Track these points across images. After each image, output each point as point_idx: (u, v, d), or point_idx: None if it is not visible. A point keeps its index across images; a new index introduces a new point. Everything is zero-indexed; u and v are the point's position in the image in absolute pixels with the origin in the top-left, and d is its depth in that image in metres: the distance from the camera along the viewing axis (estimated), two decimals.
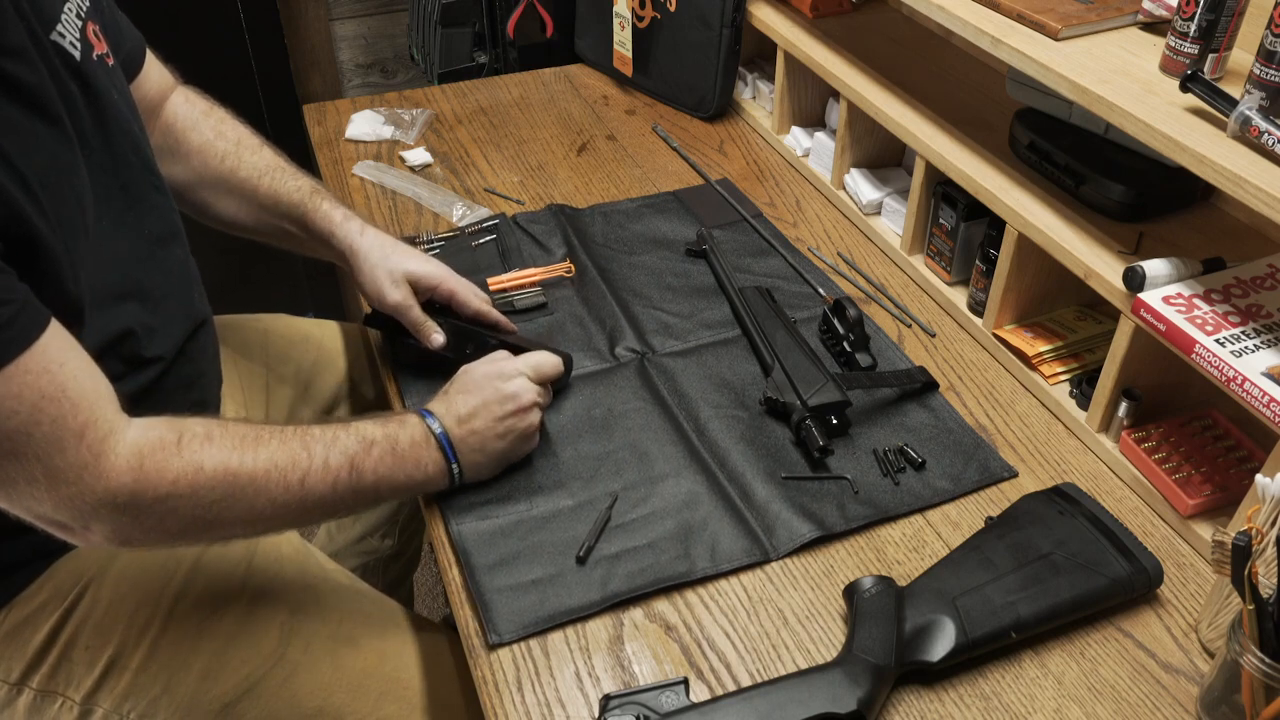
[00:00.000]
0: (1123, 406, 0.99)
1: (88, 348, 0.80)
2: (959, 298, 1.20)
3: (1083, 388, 1.04)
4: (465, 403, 0.91)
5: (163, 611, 0.91)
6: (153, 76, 1.03)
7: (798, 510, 0.92)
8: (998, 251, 1.10)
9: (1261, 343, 0.86)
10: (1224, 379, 0.84)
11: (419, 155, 1.47)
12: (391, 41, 2.21)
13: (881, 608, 0.80)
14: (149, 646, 0.90)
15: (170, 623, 0.91)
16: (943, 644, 0.78)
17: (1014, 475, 0.98)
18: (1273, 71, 0.84)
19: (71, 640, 0.89)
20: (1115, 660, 0.82)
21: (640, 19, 1.60)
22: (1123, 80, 0.95)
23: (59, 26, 0.78)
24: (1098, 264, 0.99)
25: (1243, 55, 0.93)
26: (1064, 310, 1.15)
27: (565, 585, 0.86)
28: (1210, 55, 0.92)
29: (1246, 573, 0.69)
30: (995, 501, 0.96)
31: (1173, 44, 0.94)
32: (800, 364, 1.04)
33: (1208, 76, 0.90)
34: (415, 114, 1.57)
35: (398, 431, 0.87)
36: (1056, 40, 1.02)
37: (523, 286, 1.21)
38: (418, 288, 1.04)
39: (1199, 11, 0.90)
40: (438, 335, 1.03)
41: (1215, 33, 0.91)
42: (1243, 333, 0.87)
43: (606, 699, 0.76)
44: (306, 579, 0.99)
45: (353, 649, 0.96)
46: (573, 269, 1.25)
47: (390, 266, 1.03)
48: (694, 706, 0.74)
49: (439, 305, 1.06)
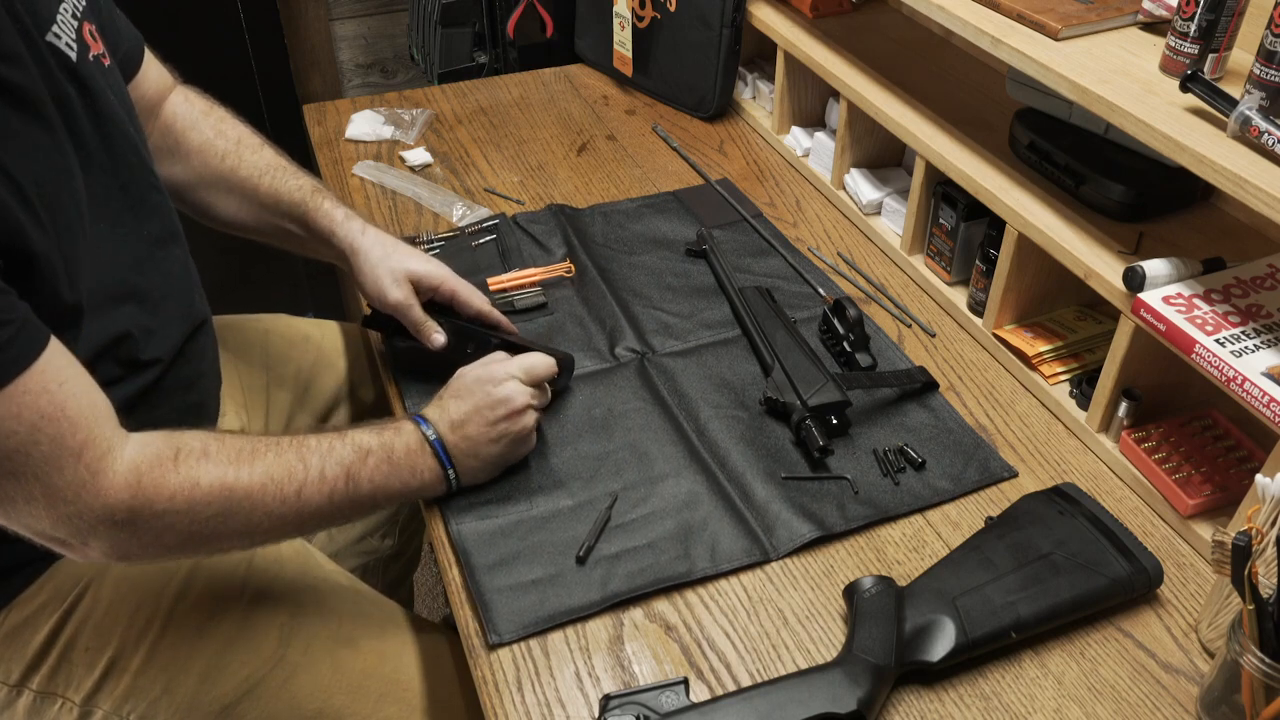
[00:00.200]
0: (1123, 406, 0.99)
1: (85, 351, 0.80)
2: (959, 298, 1.20)
3: (1083, 388, 1.04)
4: (458, 408, 0.91)
5: (162, 613, 0.91)
6: (151, 76, 1.03)
7: (798, 510, 0.92)
8: (998, 251, 1.10)
9: (1261, 343, 0.86)
10: (1224, 379, 0.84)
11: (419, 155, 1.47)
12: (391, 41, 2.21)
13: (881, 608, 0.80)
14: (149, 648, 0.90)
15: (170, 624, 0.91)
16: (943, 644, 0.78)
17: (1014, 475, 0.98)
18: (1273, 71, 0.83)
19: (71, 642, 0.89)
20: (1115, 660, 0.82)
21: (640, 19, 1.60)
22: (1123, 80, 0.95)
23: (54, 27, 0.78)
24: (1098, 264, 0.99)
25: (1243, 55, 0.93)
26: (1064, 310, 1.15)
27: (565, 585, 0.86)
28: (1210, 55, 0.92)
29: (1246, 573, 0.69)
30: (995, 501, 0.96)
31: (1173, 44, 0.94)
32: (800, 364, 1.04)
33: (1208, 76, 0.90)
34: (415, 114, 1.57)
35: (393, 440, 0.87)
36: (1056, 40, 1.02)
37: (523, 286, 1.21)
38: (419, 287, 1.04)
39: (1199, 11, 0.90)
40: (438, 335, 1.03)
41: (1215, 33, 0.91)
42: (1243, 333, 0.87)
43: (606, 699, 0.76)
44: (306, 580, 0.99)
45: (352, 650, 0.96)
46: (573, 269, 1.25)
47: (392, 265, 1.03)
48: (694, 706, 0.74)
49: (440, 305, 1.06)
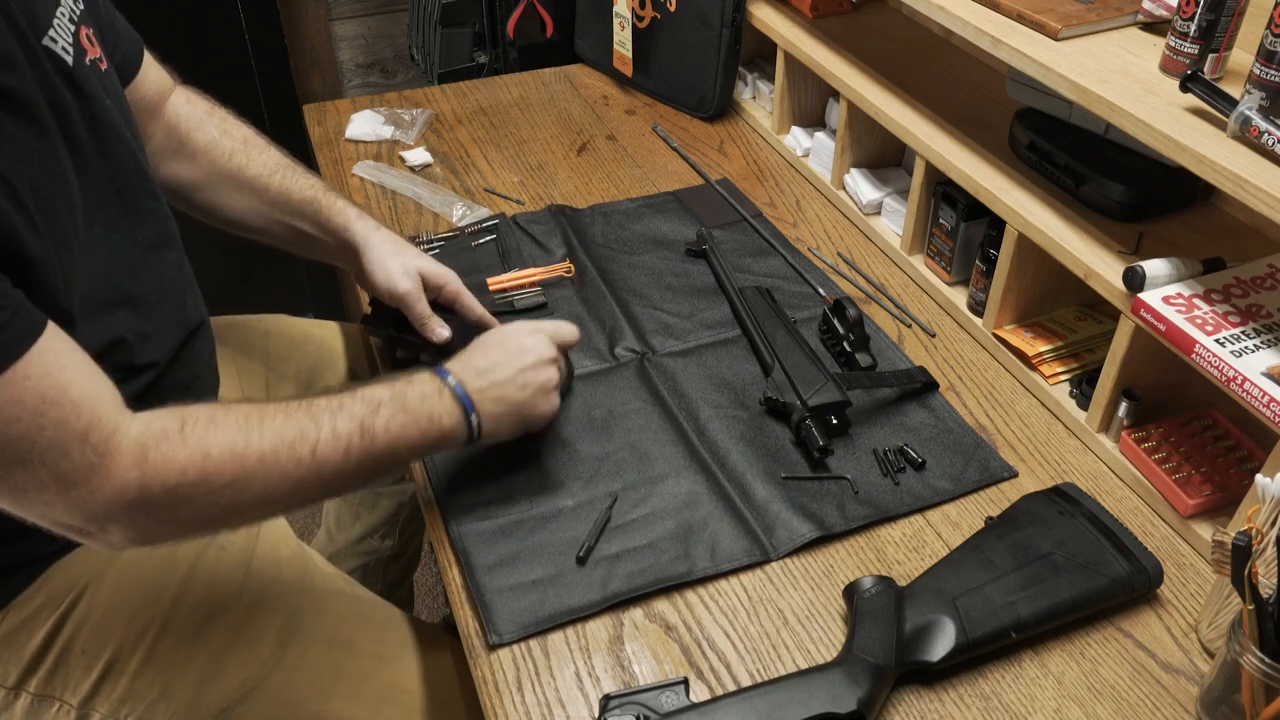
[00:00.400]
0: (1123, 406, 0.99)
1: None
2: (959, 298, 1.20)
3: (1083, 388, 1.04)
4: (483, 357, 0.91)
5: (160, 615, 0.91)
6: (151, 77, 1.03)
7: (798, 510, 0.92)
8: (998, 251, 1.10)
9: (1261, 343, 0.86)
10: (1224, 379, 0.84)
11: (419, 155, 1.47)
12: (391, 41, 2.21)
13: (881, 608, 0.80)
14: (146, 651, 0.90)
15: (168, 627, 0.91)
16: (943, 644, 0.78)
17: (1014, 475, 0.98)
18: (1273, 71, 0.83)
19: (68, 644, 0.89)
20: (1115, 660, 0.82)
21: (640, 19, 1.60)
22: (1123, 80, 0.95)
23: (51, 31, 0.77)
24: (1098, 264, 0.99)
25: (1243, 55, 0.93)
26: (1064, 310, 1.15)
27: (565, 585, 0.86)
28: (1210, 55, 0.92)
29: (1246, 573, 0.69)
30: (995, 501, 0.96)
31: (1173, 44, 0.94)
32: (800, 364, 1.04)
33: (1208, 76, 0.90)
34: (415, 114, 1.57)
35: (405, 389, 0.85)
36: (1056, 40, 1.02)
37: (523, 286, 1.21)
38: (425, 285, 1.04)
39: (1199, 11, 0.90)
40: (443, 330, 1.03)
41: (1215, 33, 0.91)
42: (1243, 333, 0.87)
43: (606, 699, 0.76)
44: (304, 583, 0.99)
45: (351, 653, 0.96)
46: (572, 269, 1.25)
47: (403, 259, 1.04)
48: (694, 706, 0.74)
49: (441, 307, 1.07)
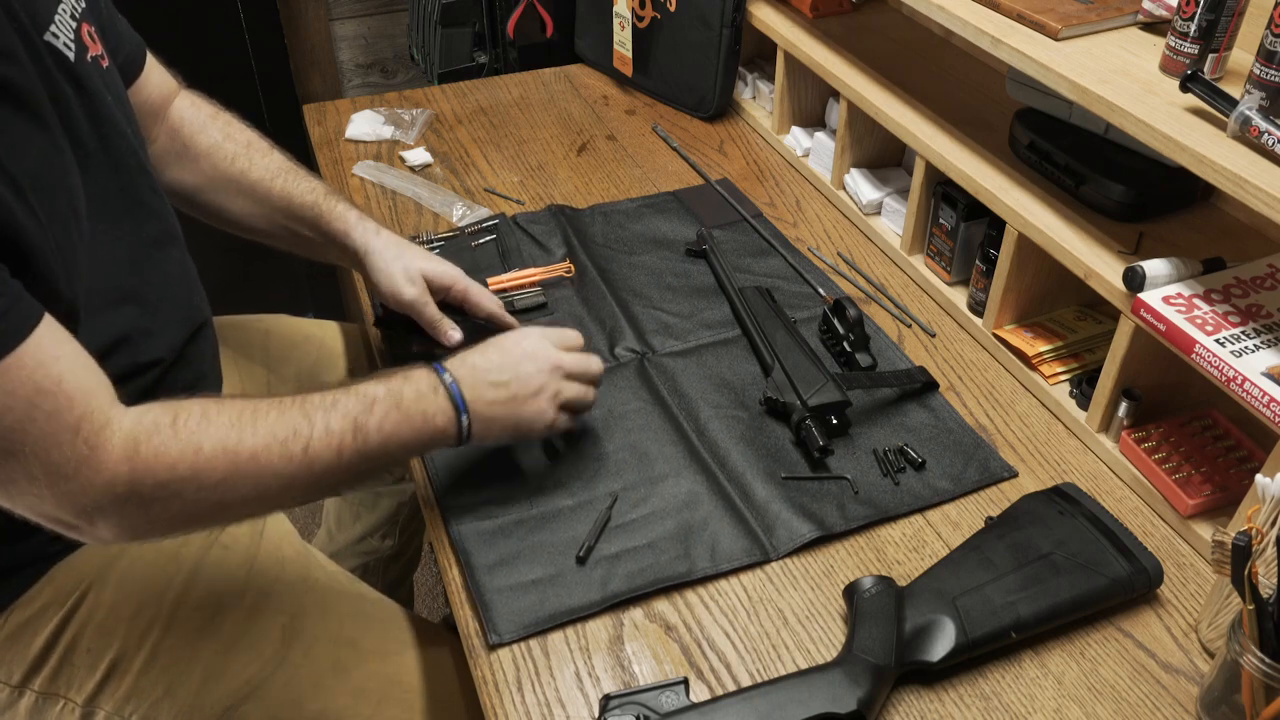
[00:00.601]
0: (1123, 406, 0.99)
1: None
2: (959, 298, 1.20)
3: (1083, 388, 1.04)
4: (485, 358, 0.88)
5: (164, 614, 0.91)
6: (154, 80, 1.03)
7: (798, 510, 0.92)
8: (998, 251, 1.10)
9: (1261, 343, 0.86)
10: (1224, 379, 0.84)
11: (419, 155, 1.47)
12: (391, 41, 2.21)
13: (881, 608, 0.80)
14: (151, 649, 0.90)
15: (172, 625, 0.91)
16: (943, 644, 0.78)
17: (1014, 475, 0.98)
18: (1273, 71, 0.84)
19: (73, 643, 0.89)
20: (1115, 660, 0.82)
21: (640, 19, 1.60)
22: (1123, 80, 0.95)
23: (53, 27, 0.78)
24: (1098, 264, 0.99)
25: (1243, 55, 0.93)
26: (1064, 310, 1.15)
27: (565, 585, 0.86)
28: (1210, 55, 0.92)
29: (1246, 573, 0.69)
30: (995, 501, 0.96)
31: (1173, 44, 0.94)
32: (800, 364, 1.04)
33: (1208, 76, 0.90)
34: (415, 114, 1.57)
35: (402, 386, 0.84)
36: (1056, 40, 1.02)
37: (523, 286, 1.21)
38: (432, 287, 1.04)
39: (1199, 11, 0.90)
40: (454, 332, 1.03)
41: (1215, 33, 0.91)
42: (1243, 333, 0.87)
43: (606, 699, 0.76)
44: (308, 582, 0.99)
45: (354, 652, 0.96)
46: (572, 269, 1.25)
47: (406, 264, 1.03)
48: (694, 706, 0.74)
49: (451, 307, 1.06)
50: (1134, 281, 0.92)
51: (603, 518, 0.91)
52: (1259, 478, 0.75)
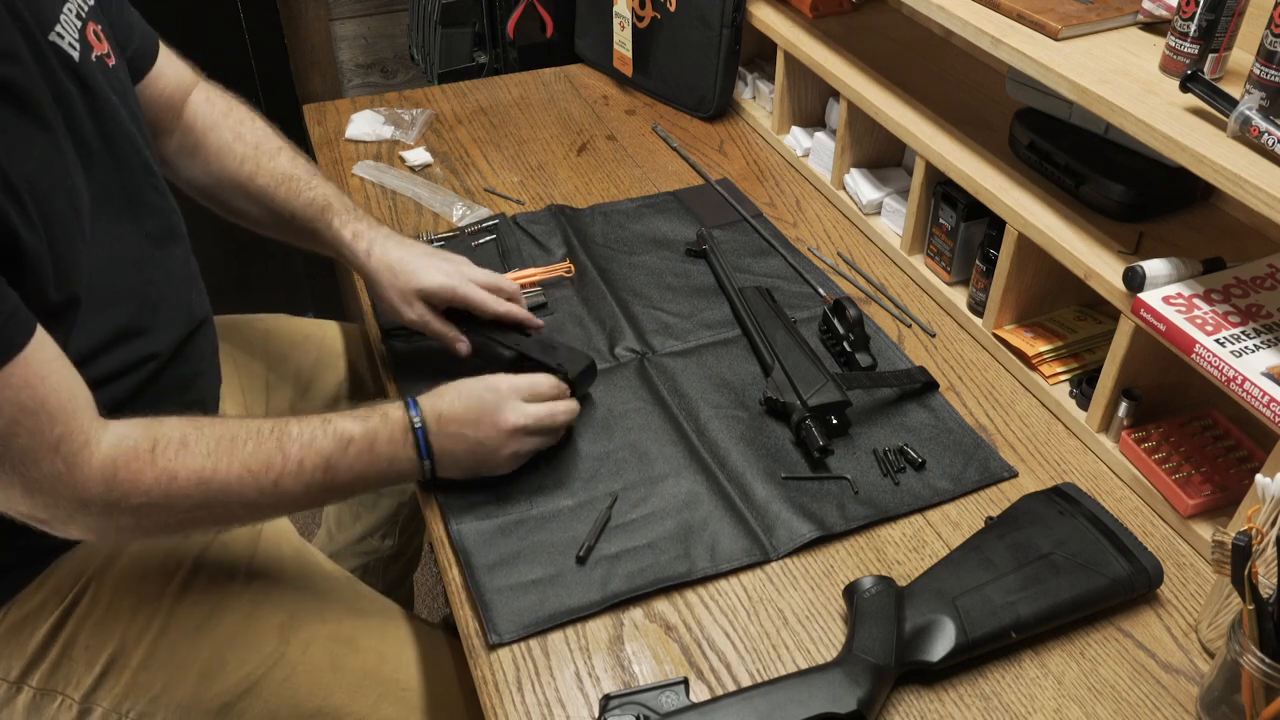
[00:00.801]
0: (1123, 406, 0.99)
1: (82, 347, 0.80)
2: (959, 298, 1.20)
3: (1083, 388, 1.04)
4: (452, 404, 0.89)
5: (163, 611, 0.91)
6: (169, 73, 1.03)
7: (798, 510, 0.92)
8: (998, 251, 1.10)
9: (1261, 343, 0.86)
10: (1224, 379, 0.84)
11: (419, 155, 1.47)
12: (391, 41, 2.21)
13: (881, 608, 0.80)
14: (149, 645, 0.90)
15: (170, 622, 0.91)
16: (943, 644, 0.78)
17: (1014, 475, 0.98)
18: (1273, 71, 0.84)
19: (71, 639, 0.89)
20: (1115, 660, 0.82)
21: (640, 19, 1.60)
22: (1123, 80, 0.95)
23: (58, 27, 0.78)
24: (1098, 264, 0.99)
25: (1243, 55, 0.93)
26: (1064, 310, 1.15)
27: (565, 585, 0.86)
28: (1210, 55, 0.92)
29: (1246, 573, 0.69)
30: (995, 501, 0.96)
31: (1173, 44, 0.94)
32: (800, 364, 1.04)
33: (1208, 76, 0.90)
34: (415, 114, 1.57)
35: (378, 428, 0.86)
36: (1056, 40, 1.02)
37: (523, 286, 1.21)
38: (434, 300, 1.03)
39: (1199, 11, 0.90)
40: (463, 344, 1.03)
41: (1215, 33, 0.91)
42: (1243, 333, 0.87)
43: (606, 699, 0.76)
44: (306, 580, 0.99)
45: (352, 650, 0.96)
46: (572, 269, 1.25)
47: (400, 286, 1.02)
48: (694, 706, 0.74)
49: (459, 312, 1.04)
50: (1134, 281, 0.92)
51: (603, 517, 0.91)
52: (1259, 478, 0.75)
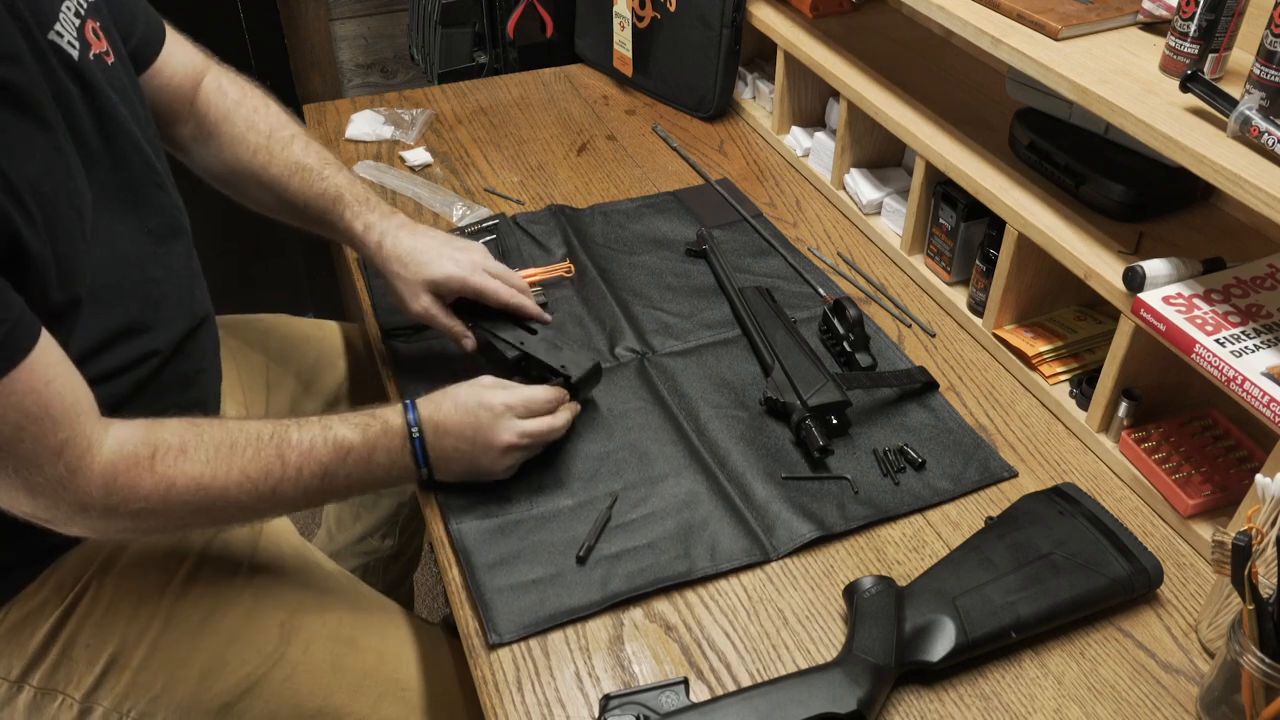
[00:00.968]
0: (1123, 406, 0.99)
1: (84, 344, 0.80)
2: (959, 298, 1.20)
3: (1083, 388, 1.04)
4: (450, 415, 0.90)
5: (164, 610, 0.91)
6: (177, 60, 1.02)
7: (798, 510, 0.92)
8: (998, 251, 1.10)
9: (1261, 343, 0.86)
10: (1224, 379, 0.84)
11: (419, 155, 1.47)
12: (391, 41, 2.21)
13: (881, 608, 0.80)
14: (149, 645, 0.90)
15: (171, 622, 0.91)
16: (943, 644, 0.78)
17: (1014, 475, 0.98)
18: (1273, 71, 0.84)
19: (72, 638, 0.89)
20: (1115, 660, 0.82)
21: (640, 19, 1.60)
22: (1123, 80, 0.95)
23: (57, 25, 0.78)
24: (1098, 264, 0.99)
25: (1243, 55, 0.93)
26: (1064, 310, 1.15)
27: (565, 585, 0.86)
28: (1210, 55, 0.92)
29: (1246, 573, 0.69)
30: (995, 501, 0.96)
31: (1173, 44, 0.94)
32: (800, 364, 1.04)
33: (1208, 76, 0.90)
34: (415, 114, 1.57)
35: (378, 439, 0.87)
36: (1056, 40, 1.02)
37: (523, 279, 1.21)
38: (442, 291, 1.02)
39: (1199, 11, 0.90)
40: (468, 340, 1.03)
41: (1215, 33, 0.91)
42: (1243, 333, 0.87)
43: (606, 699, 0.76)
44: (307, 579, 1.00)
45: (352, 650, 0.96)
46: (572, 269, 1.25)
47: (409, 277, 1.02)
48: (694, 706, 0.74)
49: (469, 304, 1.04)
50: (1134, 281, 0.92)
51: (603, 517, 0.91)
52: (1259, 478, 0.75)
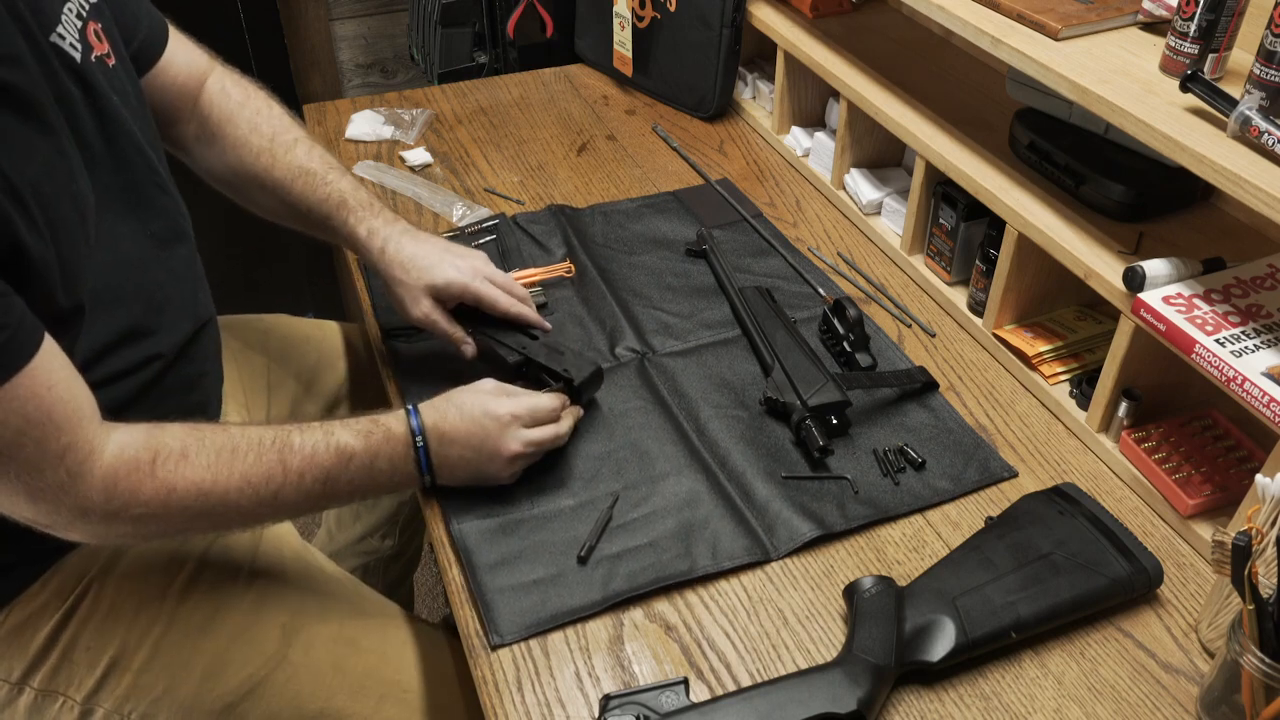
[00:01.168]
0: (1123, 406, 0.99)
1: (87, 348, 0.80)
2: (959, 298, 1.20)
3: (1083, 388, 1.04)
4: (455, 423, 0.89)
5: (165, 612, 0.91)
6: (180, 61, 1.02)
7: (798, 510, 0.92)
8: (998, 251, 1.10)
9: (1261, 343, 0.86)
10: (1224, 379, 0.84)
11: (419, 155, 1.47)
12: (391, 41, 2.21)
13: (881, 608, 0.80)
14: (151, 647, 0.90)
15: (172, 623, 0.91)
16: (943, 644, 0.78)
17: (1014, 475, 0.98)
18: (1273, 71, 0.84)
19: (73, 640, 0.89)
20: (1115, 660, 0.82)
21: (640, 19, 1.60)
22: (1123, 80, 0.95)
23: (59, 28, 0.78)
24: (1098, 264, 0.99)
25: (1243, 55, 0.93)
26: (1064, 310, 1.15)
27: (566, 585, 0.86)
28: (1210, 55, 0.92)
29: (1246, 573, 0.69)
30: (995, 501, 0.96)
31: (1173, 44, 0.94)
32: (800, 364, 1.04)
33: (1208, 76, 0.90)
34: (415, 114, 1.57)
35: (380, 447, 0.86)
36: (1056, 40, 1.02)
37: (523, 286, 1.21)
38: (443, 297, 1.02)
39: (1199, 11, 0.90)
40: (468, 346, 1.03)
41: (1215, 33, 0.91)
42: (1243, 333, 0.87)
43: (606, 699, 0.76)
44: (308, 581, 0.99)
45: (354, 651, 0.96)
46: (573, 269, 1.25)
47: (410, 283, 1.01)
48: (694, 706, 0.74)
49: (469, 310, 1.04)
50: (1134, 281, 0.92)
51: (604, 517, 0.91)
52: (1259, 478, 0.75)
